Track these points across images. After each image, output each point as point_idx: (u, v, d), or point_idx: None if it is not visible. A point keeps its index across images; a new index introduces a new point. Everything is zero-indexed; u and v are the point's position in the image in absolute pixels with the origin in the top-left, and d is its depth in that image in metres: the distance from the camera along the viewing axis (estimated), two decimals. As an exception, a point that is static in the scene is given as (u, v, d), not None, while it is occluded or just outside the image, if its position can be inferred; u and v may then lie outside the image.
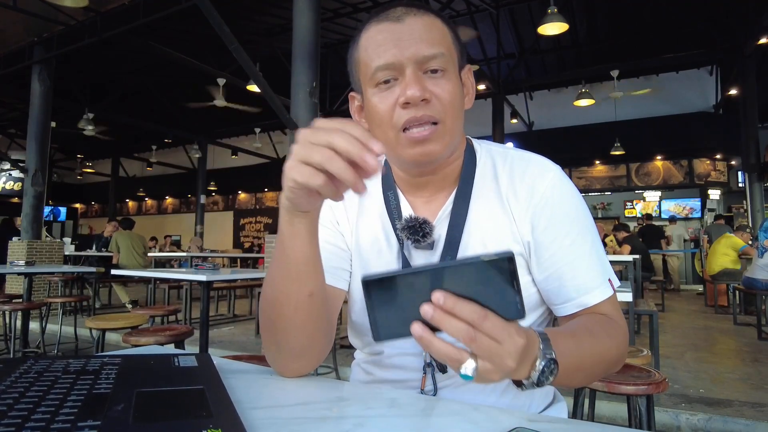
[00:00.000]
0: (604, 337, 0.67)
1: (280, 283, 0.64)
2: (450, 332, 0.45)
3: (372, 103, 0.71)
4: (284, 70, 5.72)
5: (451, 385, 0.75)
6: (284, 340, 0.67)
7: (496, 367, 0.47)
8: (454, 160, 0.78)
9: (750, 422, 2.65)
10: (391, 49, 0.68)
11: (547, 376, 0.53)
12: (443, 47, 0.69)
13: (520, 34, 9.58)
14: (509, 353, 0.47)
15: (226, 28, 4.43)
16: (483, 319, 0.45)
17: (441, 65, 0.68)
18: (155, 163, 16.40)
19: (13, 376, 0.54)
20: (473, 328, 0.45)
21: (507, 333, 0.46)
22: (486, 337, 0.45)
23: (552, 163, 0.78)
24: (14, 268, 4.72)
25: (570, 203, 0.75)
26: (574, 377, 0.63)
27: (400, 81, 0.68)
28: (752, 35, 7.87)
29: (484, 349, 0.46)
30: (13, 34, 6.95)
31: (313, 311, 0.66)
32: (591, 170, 12.06)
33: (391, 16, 0.70)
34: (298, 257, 0.61)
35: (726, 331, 5.43)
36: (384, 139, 0.71)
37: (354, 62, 0.75)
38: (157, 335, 2.38)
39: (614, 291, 0.74)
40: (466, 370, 0.47)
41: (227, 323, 5.95)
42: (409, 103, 0.66)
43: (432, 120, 0.67)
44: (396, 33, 0.68)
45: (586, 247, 0.74)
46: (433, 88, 0.67)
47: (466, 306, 0.44)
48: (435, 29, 0.70)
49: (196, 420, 0.43)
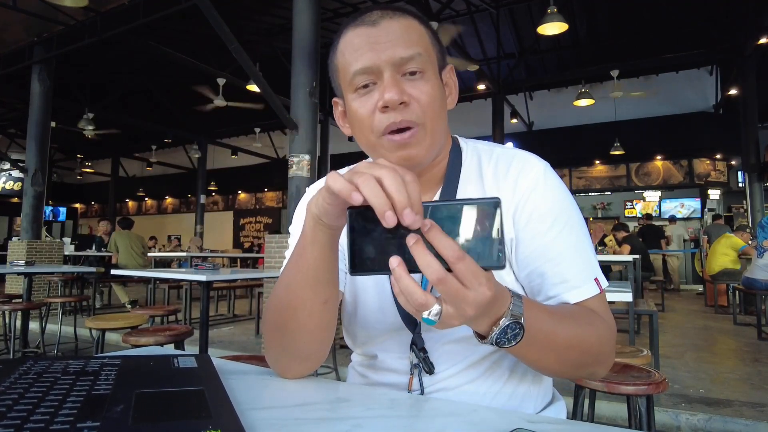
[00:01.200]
0: (585, 324, 0.66)
1: (296, 288, 0.63)
2: (422, 266, 0.44)
3: (352, 108, 0.71)
4: (284, 70, 5.72)
5: (442, 390, 0.75)
6: (293, 345, 0.67)
7: (457, 312, 0.47)
8: (439, 161, 0.77)
9: (750, 422, 2.65)
10: (368, 53, 0.67)
11: (510, 338, 0.53)
12: (420, 48, 0.68)
13: (520, 34, 9.58)
14: (473, 300, 0.46)
15: (226, 28, 4.43)
16: (459, 259, 0.44)
17: (419, 66, 0.68)
18: (155, 163, 16.41)
19: (13, 377, 0.54)
20: (445, 269, 0.44)
21: (477, 281, 0.45)
22: (455, 280, 0.45)
23: (538, 159, 0.77)
24: (14, 268, 4.72)
25: (554, 199, 0.73)
26: (545, 356, 0.62)
27: (378, 85, 0.68)
28: (752, 35, 7.87)
29: (451, 292, 0.45)
30: (13, 34, 6.95)
31: (326, 318, 0.66)
32: (591, 170, 12.06)
33: (366, 20, 0.70)
34: (318, 264, 0.60)
35: (726, 331, 5.43)
36: (367, 144, 0.71)
37: (333, 68, 0.75)
38: (157, 335, 2.38)
39: (601, 290, 0.72)
40: (430, 314, 0.47)
41: (227, 323, 5.96)
42: (388, 107, 0.66)
43: (411, 125, 0.67)
44: (372, 36, 0.68)
45: (570, 244, 0.72)
46: (411, 90, 0.67)
47: (446, 240, 0.44)
48: (411, 31, 0.69)
49: (196, 421, 0.43)
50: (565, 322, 0.63)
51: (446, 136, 0.77)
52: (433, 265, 0.44)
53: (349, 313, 0.83)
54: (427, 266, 0.44)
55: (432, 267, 0.44)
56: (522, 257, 0.73)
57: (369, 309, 0.79)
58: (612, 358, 0.72)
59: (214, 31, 4.57)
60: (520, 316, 0.52)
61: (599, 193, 12.38)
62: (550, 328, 0.60)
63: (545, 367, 0.66)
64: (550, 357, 0.63)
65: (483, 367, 0.75)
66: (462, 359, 0.75)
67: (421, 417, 0.54)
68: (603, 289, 0.72)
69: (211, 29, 4.60)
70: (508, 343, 0.53)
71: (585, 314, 0.68)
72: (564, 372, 0.67)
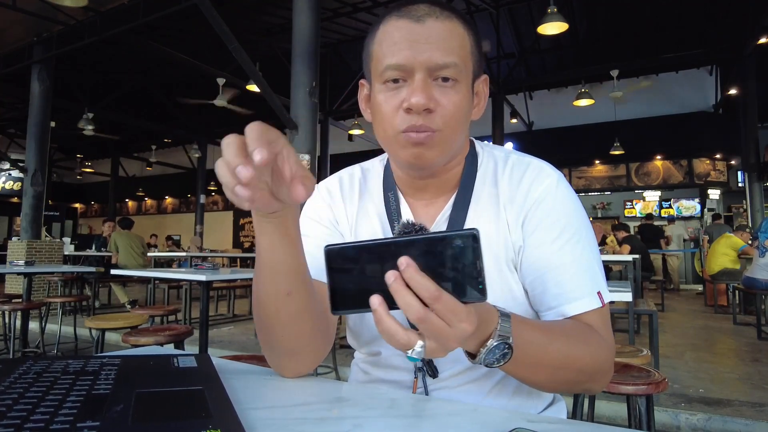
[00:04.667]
0: (579, 342, 0.65)
1: (260, 282, 0.64)
2: (402, 306, 0.44)
3: (377, 100, 0.70)
4: (284, 70, 5.72)
5: (444, 388, 0.75)
6: (273, 339, 0.67)
7: (440, 347, 0.47)
8: (454, 166, 0.77)
9: (749, 422, 2.65)
10: (405, 50, 0.66)
11: (498, 358, 0.53)
12: (459, 57, 0.67)
13: (520, 34, 9.58)
14: (454, 337, 0.46)
15: (226, 28, 4.43)
16: (436, 300, 0.44)
17: (453, 75, 0.67)
18: (155, 162, 16.39)
19: (13, 377, 0.54)
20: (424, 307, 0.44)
21: (457, 318, 0.45)
22: (436, 318, 0.45)
23: (552, 168, 0.77)
24: (14, 267, 4.72)
25: (563, 209, 0.73)
26: (536, 373, 0.62)
27: (408, 83, 0.67)
28: (752, 35, 7.87)
29: (432, 329, 0.45)
30: (12, 34, 6.95)
31: (295, 310, 0.65)
32: (591, 170, 12.06)
33: (412, 14, 0.68)
34: (271, 257, 0.60)
35: (726, 330, 5.43)
36: (383, 136, 0.71)
37: (367, 53, 0.73)
38: (157, 335, 2.38)
39: (603, 305, 0.70)
40: (413, 352, 0.47)
41: (227, 323, 5.96)
42: (412, 110, 0.66)
43: (430, 130, 0.67)
44: (413, 34, 0.66)
45: (575, 255, 0.71)
46: (440, 97, 0.66)
47: (423, 281, 0.43)
48: (454, 36, 0.68)
49: (196, 420, 0.43)
50: (558, 341, 0.63)
51: (463, 143, 0.77)
52: (413, 304, 0.44)
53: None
54: (407, 306, 0.44)
55: (412, 307, 0.44)
56: (526, 265, 0.73)
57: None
58: (609, 376, 0.71)
59: (214, 31, 4.58)
60: (508, 336, 0.52)
61: (599, 193, 12.38)
62: (540, 347, 0.60)
63: (537, 384, 0.66)
64: (541, 375, 0.63)
65: (484, 368, 0.75)
66: (464, 360, 0.74)
67: (422, 416, 0.54)
68: (605, 303, 0.71)
69: (211, 29, 4.60)
70: (497, 363, 0.54)
71: (581, 332, 0.67)
72: (557, 389, 0.67)
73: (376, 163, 0.87)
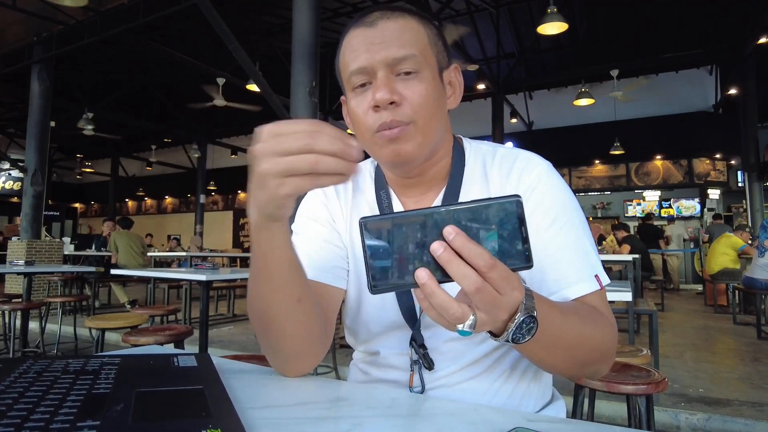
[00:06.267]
0: (589, 321, 0.65)
1: (267, 295, 0.63)
2: (456, 276, 0.42)
3: (351, 107, 0.73)
4: (284, 70, 5.72)
5: (442, 387, 0.75)
6: (279, 346, 0.67)
7: (490, 319, 0.45)
8: (439, 160, 0.78)
9: (749, 422, 2.66)
10: (363, 54, 0.69)
11: (524, 333, 0.51)
12: (415, 48, 0.69)
13: (520, 34, 9.58)
14: (506, 306, 0.45)
15: (225, 28, 4.43)
16: (491, 268, 0.42)
17: (413, 66, 0.68)
18: (155, 162, 16.40)
19: (13, 376, 0.54)
20: (480, 277, 0.42)
21: (510, 285, 0.44)
22: (491, 288, 0.43)
23: (540, 158, 0.78)
24: (14, 267, 4.72)
25: (555, 197, 0.74)
26: (552, 352, 0.61)
27: (373, 84, 0.69)
28: (752, 35, 7.87)
29: (487, 300, 0.44)
30: (12, 33, 6.95)
31: (305, 316, 0.65)
32: (591, 170, 12.06)
33: (366, 21, 0.71)
34: (281, 267, 0.60)
35: (725, 330, 5.43)
36: (363, 141, 0.73)
37: (337, 67, 0.77)
38: (157, 335, 2.37)
39: (601, 287, 0.71)
40: (465, 325, 0.45)
41: (227, 323, 5.95)
42: (379, 106, 0.67)
43: (401, 124, 0.68)
44: (369, 37, 0.69)
45: (570, 241, 0.72)
46: (403, 90, 0.68)
47: (476, 249, 0.42)
48: (408, 31, 0.70)
49: (196, 420, 0.43)
50: (572, 319, 0.63)
51: (444, 135, 0.77)
52: (469, 274, 0.42)
53: (352, 310, 0.83)
54: (462, 277, 0.42)
55: (469, 277, 0.42)
56: None
57: (371, 306, 0.79)
58: (614, 356, 0.72)
59: (214, 31, 4.58)
60: (533, 309, 0.51)
61: (599, 192, 12.38)
62: (559, 323, 0.59)
63: (552, 364, 0.65)
64: (558, 353, 0.62)
65: (483, 365, 0.75)
66: (462, 357, 0.75)
67: (421, 416, 0.54)
68: (603, 286, 0.72)
69: (211, 29, 4.61)
70: (523, 338, 0.51)
71: (588, 311, 0.68)
72: (570, 369, 0.66)
73: (368, 163, 0.88)
